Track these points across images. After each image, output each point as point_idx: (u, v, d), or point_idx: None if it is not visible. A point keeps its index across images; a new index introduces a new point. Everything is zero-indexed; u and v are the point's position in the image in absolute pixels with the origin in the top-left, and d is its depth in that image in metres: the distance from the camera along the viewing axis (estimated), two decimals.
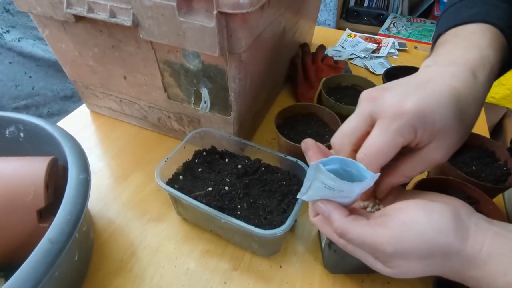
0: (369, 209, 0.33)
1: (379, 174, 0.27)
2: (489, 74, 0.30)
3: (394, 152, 0.27)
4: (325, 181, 0.26)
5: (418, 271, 0.27)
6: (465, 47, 0.31)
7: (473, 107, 0.28)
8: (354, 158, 0.29)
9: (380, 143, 0.27)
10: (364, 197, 0.34)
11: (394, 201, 0.31)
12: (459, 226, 0.26)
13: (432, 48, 0.36)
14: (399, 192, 0.33)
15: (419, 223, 0.26)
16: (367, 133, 0.28)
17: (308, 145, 0.33)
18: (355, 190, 0.27)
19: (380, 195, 0.33)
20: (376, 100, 0.28)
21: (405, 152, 0.29)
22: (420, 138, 0.27)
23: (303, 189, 0.30)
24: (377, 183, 0.31)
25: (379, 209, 0.32)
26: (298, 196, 0.31)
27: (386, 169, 0.30)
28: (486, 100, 1.38)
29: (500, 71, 0.33)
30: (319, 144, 0.33)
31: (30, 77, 1.05)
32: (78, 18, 0.45)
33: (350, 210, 0.30)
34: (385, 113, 0.27)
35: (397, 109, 0.26)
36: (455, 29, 0.34)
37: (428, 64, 0.31)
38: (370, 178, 0.26)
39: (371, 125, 0.28)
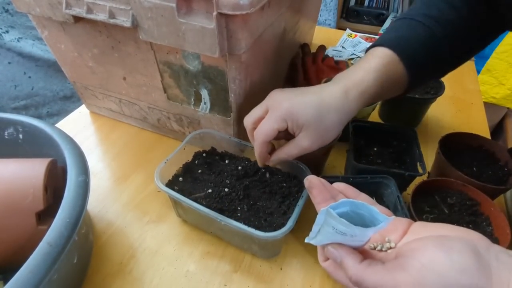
0: (379, 247, 0.31)
1: (393, 217, 0.26)
2: (360, 94, 0.39)
3: (274, 133, 0.38)
4: (337, 226, 0.25)
5: None
6: (356, 68, 0.41)
7: (333, 113, 0.38)
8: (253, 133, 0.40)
9: (265, 125, 0.39)
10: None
11: (403, 235, 0.30)
12: (481, 264, 0.24)
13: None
14: (408, 225, 0.31)
15: (439, 265, 0.24)
16: (263, 118, 0.40)
17: (312, 183, 0.32)
18: (369, 234, 0.26)
19: (270, 164, 0.43)
20: (271, 97, 0.40)
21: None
22: (291, 128, 0.38)
23: (311, 234, 0.28)
24: (267, 155, 0.42)
25: (390, 247, 0.30)
26: (306, 241, 0.29)
27: (276, 148, 0.42)
28: (486, 101, 1.39)
29: (394, 92, 0.43)
30: (322, 180, 0.32)
31: (29, 77, 1.04)
32: (77, 19, 0.45)
33: (362, 252, 0.29)
34: (271, 107, 0.39)
35: (278, 105, 0.38)
36: (373, 48, 0.42)
37: (334, 79, 0.42)
38: (385, 221, 0.25)
39: (266, 112, 0.40)
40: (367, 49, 0.44)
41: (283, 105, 0.38)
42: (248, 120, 0.41)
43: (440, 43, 0.41)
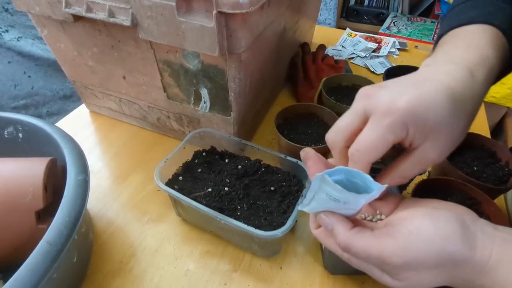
0: (369, 218, 0.32)
1: (386, 185, 0.26)
2: (488, 73, 0.29)
3: (385, 149, 0.27)
4: (331, 192, 0.26)
5: (427, 282, 0.26)
6: (465, 47, 0.31)
7: (470, 105, 0.28)
8: (347, 154, 0.29)
9: (371, 139, 0.27)
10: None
11: (395, 210, 0.30)
12: (465, 233, 0.25)
13: (433, 48, 0.36)
14: (400, 201, 0.32)
15: (426, 232, 0.25)
16: (361, 130, 0.28)
17: (308, 154, 0.32)
18: (361, 201, 0.27)
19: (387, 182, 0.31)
20: (370, 97, 0.28)
21: (401, 153, 0.30)
22: (413, 136, 0.27)
23: (305, 201, 0.29)
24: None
25: (381, 219, 0.31)
26: (299, 208, 0.30)
27: (383, 170, 0.31)
28: (487, 100, 1.38)
29: (501, 73, 0.33)
30: (319, 154, 0.32)
31: (29, 76, 1.04)
32: (77, 18, 0.45)
33: (353, 221, 0.29)
34: (378, 109, 0.27)
35: (389, 106, 0.26)
36: (456, 29, 0.34)
37: (427, 64, 0.31)
38: (377, 189, 0.26)
39: (365, 122, 0.28)
40: (440, 36, 0.36)
41: (399, 104, 0.26)
42: (337, 137, 0.30)
43: None
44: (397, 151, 0.29)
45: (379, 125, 0.26)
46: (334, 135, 0.30)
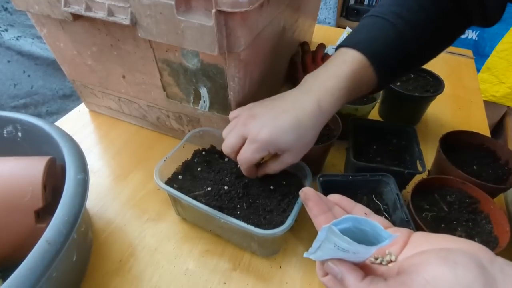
0: (379, 261, 0.30)
1: (398, 234, 0.26)
2: (333, 103, 0.40)
3: (256, 161, 0.40)
4: (339, 243, 0.25)
5: None
6: (328, 75, 0.41)
7: (310, 131, 0.39)
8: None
9: (245, 155, 0.39)
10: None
11: (404, 247, 0.29)
12: (487, 279, 0.24)
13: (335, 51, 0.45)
14: (407, 236, 0.30)
15: (444, 281, 0.23)
16: (242, 145, 0.40)
17: (308, 195, 0.31)
18: (372, 251, 0.25)
19: (254, 176, 0.44)
20: (245, 125, 0.39)
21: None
22: (274, 152, 0.39)
23: (311, 249, 0.28)
24: (255, 170, 0.43)
25: (391, 260, 0.30)
26: (305, 255, 0.28)
27: (259, 167, 0.43)
28: (486, 99, 1.38)
29: (372, 91, 0.45)
30: (319, 193, 0.32)
31: (28, 76, 1.04)
32: (76, 17, 0.45)
33: (362, 266, 0.28)
34: (250, 136, 0.39)
35: (255, 136, 0.38)
36: (342, 49, 0.43)
37: (302, 83, 0.42)
38: (389, 239, 0.25)
39: (244, 140, 0.40)
40: (337, 47, 0.44)
41: (262, 136, 0.38)
42: (227, 151, 0.41)
43: (408, 45, 0.42)
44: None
45: (249, 148, 0.39)
46: (226, 149, 0.41)
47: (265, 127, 0.38)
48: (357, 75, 0.41)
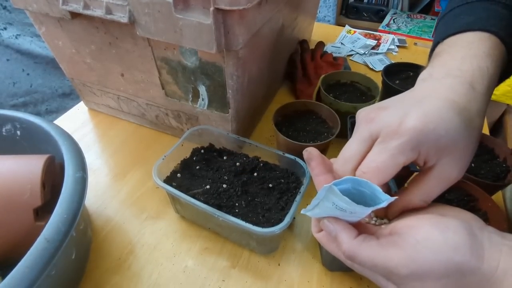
0: (373, 221, 0.31)
1: (396, 197, 0.26)
2: (488, 85, 0.28)
3: (395, 171, 0.26)
4: (337, 202, 0.25)
5: None
6: (462, 58, 0.30)
7: (476, 119, 0.27)
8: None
9: (378, 161, 0.26)
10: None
11: (400, 213, 0.30)
12: (474, 243, 0.25)
13: (429, 57, 0.36)
14: None
15: (434, 242, 0.24)
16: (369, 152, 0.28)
17: (312, 155, 0.31)
18: (368, 211, 0.26)
19: (391, 217, 0.31)
20: (374, 120, 0.27)
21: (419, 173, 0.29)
22: (426, 156, 0.26)
23: (309, 206, 0.28)
24: (391, 205, 0.29)
25: (383, 221, 0.30)
26: (302, 212, 0.29)
27: (400, 195, 0.29)
28: None
29: (499, 80, 0.32)
30: (322, 155, 0.31)
31: (28, 74, 1.04)
32: (74, 15, 0.45)
33: (356, 225, 0.29)
34: (385, 131, 0.26)
35: (397, 127, 0.26)
36: (452, 37, 0.33)
37: (424, 78, 0.31)
38: (386, 201, 0.25)
39: (372, 143, 0.27)
40: (436, 44, 0.35)
41: (408, 125, 0.25)
42: (346, 168, 0.28)
43: None
44: (405, 170, 0.28)
45: (388, 147, 0.26)
46: (343, 165, 0.28)
47: (411, 113, 0.26)
48: (497, 52, 0.31)
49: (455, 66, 0.29)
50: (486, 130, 0.64)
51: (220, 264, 0.43)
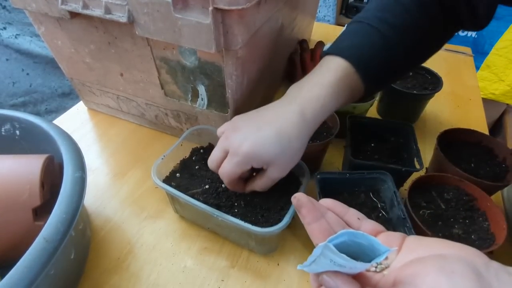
0: (373, 268, 0.31)
1: (395, 248, 0.25)
2: (316, 112, 0.38)
3: (237, 175, 0.38)
4: (335, 259, 0.24)
5: None
6: (312, 84, 0.40)
7: (295, 142, 0.38)
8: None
9: (227, 169, 0.38)
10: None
11: (399, 253, 0.29)
12: (483, 286, 0.24)
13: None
14: (401, 240, 0.30)
15: None
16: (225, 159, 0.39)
17: (301, 202, 0.31)
18: (368, 266, 0.25)
19: (247, 192, 0.42)
20: (227, 139, 0.39)
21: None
22: (257, 165, 0.38)
23: (306, 263, 0.27)
24: (241, 185, 0.41)
25: (383, 267, 0.30)
26: (298, 268, 0.28)
27: (247, 184, 0.42)
28: (486, 97, 1.38)
29: (363, 97, 0.43)
30: (311, 199, 0.31)
31: (27, 74, 1.04)
32: (73, 15, 0.45)
33: (356, 276, 0.28)
34: (231, 150, 0.38)
35: (236, 149, 0.37)
36: (327, 56, 0.42)
37: (288, 93, 0.42)
38: (386, 253, 0.25)
39: (226, 154, 0.39)
40: (322, 55, 0.43)
41: (243, 149, 0.36)
42: (210, 165, 0.40)
43: (395, 51, 0.41)
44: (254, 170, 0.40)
45: (230, 161, 0.38)
46: (210, 164, 0.40)
47: (247, 140, 0.37)
48: (342, 82, 0.39)
49: (304, 92, 0.39)
50: (485, 130, 0.64)
51: (219, 264, 0.43)
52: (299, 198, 0.31)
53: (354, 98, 0.43)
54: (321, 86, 0.39)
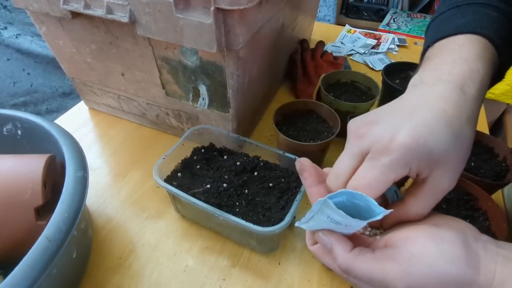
0: (367, 232, 0.30)
1: (391, 210, 0.26)
2: (479, 87, 0.28)
3: (384, 188, 0.26)
4: (332, 215, 0.25)
5: None
6: (453, 61, 0.30)
7: (467, 127, 0.27)
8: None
9: (368, 177, 0.26)
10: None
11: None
12: (470, 255, 0.24)
13: (420, 61, 0.36)
14: None
15: (429, 255, 0.24)
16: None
17: (304, 165, 0.31)
18: (363, 224, 0.26)
19: (386, 227, 0.31)
20: (364, 136, 0.27)
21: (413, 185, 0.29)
22: (418, 170, 0.26)
23: (303, 219, 0.28)
24: (386, 217, 0.28)
25: (377, 232, 0.30)
26: (296, 225, 0.29)
27: (396, 203, 0.30)
28: (486, 96, 1.38)
29: (491, 82, 0.32)
30: (315, 165, 0.31)
31: (28, 74, 1.04)
32: (75, 15, 0.45)
33: (350, 236, 0.29)
34: (375, 148, 0.26)
35: (387, 143, 0.25)
36: (443, 40, 0.33)
37: (414, 83, 0.31)
38: (381, 214, 0.25)
39: (363, 159, 0.27)
40: (426, 48, 0.35)
41: (398, 142, 0.25)
42: (338, 182, 0.28)
43: None
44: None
45: (378, 164, 0.26)
46: (335, 180, 0.29)
47: (402, 128, 0.26)
48: (487, 54, 0.31)
49: (446, 70, 0.29)
50: (485, 129, 0.64)
51: (221, 263, 0.43)
52: (302, 162, 0.31)
53: (494, 81, 0.34)
54: (469, 60, 0.29)
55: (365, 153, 0.27)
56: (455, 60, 0.30)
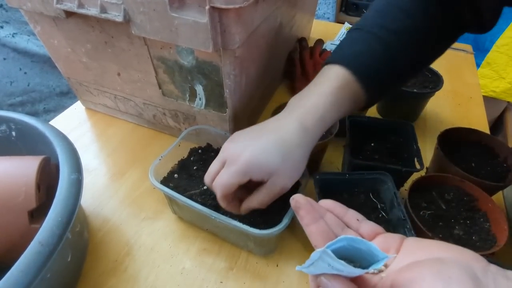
0: (371, 270, 0.30)
1: (395, 255, 0.26)
2: (317, 120, 0.37)
3: (234, 187, 0.35)
4: (333, 264, 0.24)
5: None
6: (312, 94, 0.39)
7: (296, 150, 0.36)
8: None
9: (223, 179, 0.35)
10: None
11: (395, 253, 0.28)
12: None
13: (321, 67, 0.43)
14: (399, 243, 0.29)
15: None
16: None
17: (299, 203, 0.30)
18: (366, 272, 0.25)
19: (242, 213, 0.39)
20: (225, 150, 0.37)
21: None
22: (258, 177, 0.35)
23: (304, 264, 0.28)
24: (235, 203, 0.38)
25: (381, 269, 0.29)
26: (297, 269, 0.28)
27: (245, 200, 0.38)
28: (486, 94, 1.38)
29: (363, 107, 0.43)
30: (310, 200, 0.31)
31: (25, 73, 1.03)
32: (69, 14, 0.44)
33: (354, 278, 0.27)
34: (229, 159, 0.36)
35: (235, 158, 0.35)
36: (327, 66, 0.41)
37: (289, 103, 0.40)
38: (384, 259, 0.24)
39: (223, 165, 0.37)
40: (323, 64, 0.42)
41: (242, 158, 0.34)
42: (206, 179, 0.38)
43: (397, 57, 0.40)
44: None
45: (227, 171, 0.35)
46: (207, 178, 0.38)
47: (246, 149, 0.35)
48: (342, 91, 0.39)
49: (303, 102, 0.39)
50: (486, 128, 0.64)
51: (218, 265, 0.42)
52: (297, 200, 0.30)
53: (357, 107, 0.42)
54: (320, 95, 0.38)
55: (225, 161, 0.36)
56: (314, 93, 0.39)
